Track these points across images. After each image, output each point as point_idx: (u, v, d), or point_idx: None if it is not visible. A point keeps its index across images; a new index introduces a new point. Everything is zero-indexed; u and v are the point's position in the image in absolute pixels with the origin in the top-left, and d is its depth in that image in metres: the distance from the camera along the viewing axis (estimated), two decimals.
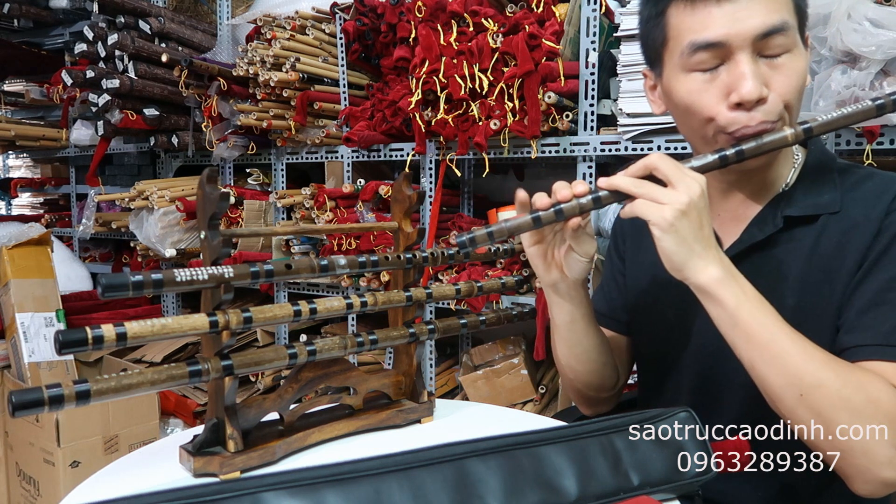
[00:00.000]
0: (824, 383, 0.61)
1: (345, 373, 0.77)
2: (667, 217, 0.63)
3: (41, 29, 2.78)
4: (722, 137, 0.72)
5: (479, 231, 0.71)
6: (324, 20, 2.04)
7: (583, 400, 0.95)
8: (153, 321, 0.56)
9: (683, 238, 0.64)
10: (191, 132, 2.28)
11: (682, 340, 0.83)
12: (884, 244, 0.69)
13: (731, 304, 0.64)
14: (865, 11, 1.13)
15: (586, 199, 0.69)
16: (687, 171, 0.66)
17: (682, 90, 0.73)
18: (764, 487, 0.77)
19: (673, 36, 0.72)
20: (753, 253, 0.77)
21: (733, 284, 0.65)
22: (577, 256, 0.76)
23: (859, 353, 0.66)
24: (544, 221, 0.70)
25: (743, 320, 0.64)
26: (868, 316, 0.67)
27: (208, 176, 0.63)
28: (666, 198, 0.64)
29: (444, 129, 1.66)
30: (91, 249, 2.95)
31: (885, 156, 1.36)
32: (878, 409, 0.60)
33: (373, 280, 1.90)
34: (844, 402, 0.61)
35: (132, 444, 1.84)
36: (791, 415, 0.64)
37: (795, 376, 0.62)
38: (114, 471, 0.68)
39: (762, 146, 0.69)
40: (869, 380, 0.62)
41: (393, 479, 0.53)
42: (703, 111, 0.71)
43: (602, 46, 1.55)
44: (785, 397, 0.63)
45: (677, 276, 0.66)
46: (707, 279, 0.64)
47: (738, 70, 0.68)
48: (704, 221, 0.65)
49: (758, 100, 0.68)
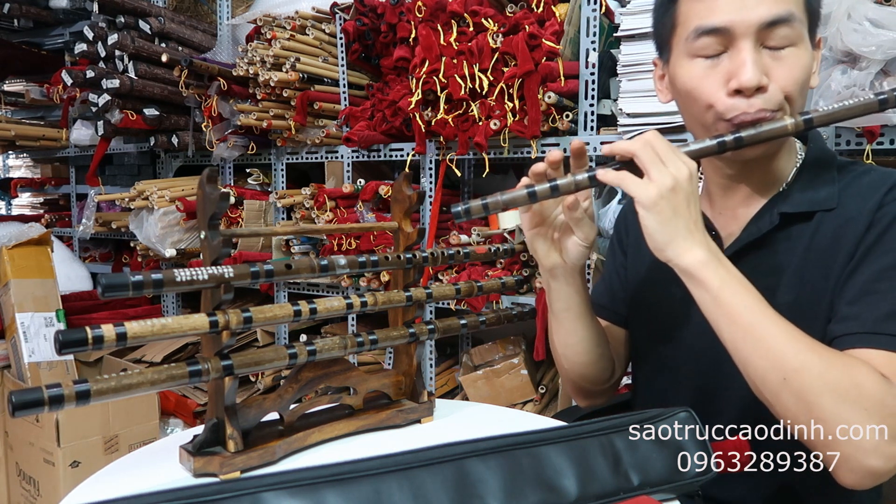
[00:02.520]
0: (807, 366, 0.61)
1: (345, 373, 0.77)
2: (651, 195, 0.64)
3: (41, 29, 2.78)
4: (721, 125, 0.72)
5: (475, 202, 0.71)
6: (324, 20, 2.04)
7: (578, 391, 0.95)
8: (153, 321, 0.56)
9: (667, 218, 0.64)
10: (191, 132, 2.28)
11: (681, 338, 0.83)
12: (875, 236, 0.69)
13: (714, 285, 0.64)
14: (865, 11, 1.13)
15: (582, 176, 0.70)
16: (679, 153, 0.66)
17: (685, 75, 0.74)
18: (764, 487, 0.77)
19: (681, 22, 0.74)
20: (752, 250, 0.77)
21: (718, 267, 0.64)
22: (577, 240, 0.76)
23: (847, 342, 0.66)
24: (539, 197, 0.71)
25: (726, 302, 0.64)
26: (857, 305, 0.67)
27: (208, 176, 0.63)
28: (654, 174, 0.64)
29: (444, 129, 1.66)
30: (91, 249, 2.95)
31: (885, 156, 1.36)
32: (861, 393, 0.60)
33: (373, 280, 1.90)
34: (828, 385, 0.60)
35: (132, 444, 1.84)
36: (775, 400, 0.63)
37: (778, 359, 0.62)
38: (114, 471, 0.68)
39: (761, 134, 0.69)
40: (853, 364, 0.62)
41: (393, 479, 0.53)
42: (704, 97, 0.72)
43: (602, 46, 1.55)
44: (768, 380, 0.63)
45: (660, 256, 0.67)
46: (691, 261, 0.64)
47: (740, 57, 0.69)
48: (692, 205, 0.65)
49: (757, 87, 0.68)
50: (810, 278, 0.73)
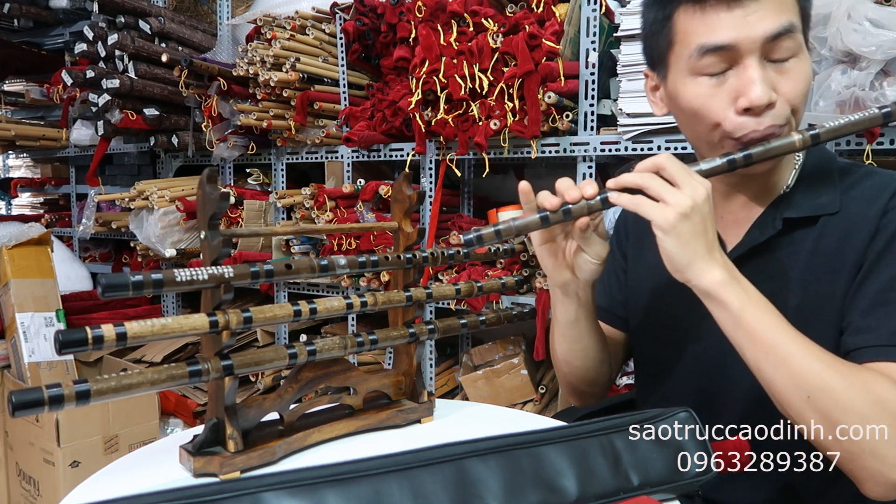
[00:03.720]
0: (830, 385, 0.61)
1: (345, 373, 0.77)
2: (669, 218, 0.63)
3: (41, 29, 2.78)
4: (728, 143, 0.71)
5: (487, 230, 0.71)
6: (324, 20, 2.04)
7: (574, 393, 0.95)
8: (153, 321, 0.56)
9: (685, 241, 0.63)
10: (191, 132, 2.28)
11: (683, 341, 0.83)
12: (882, 244, 0.69)
13: (734, 306, 0.64)
14: (865, 11, 1.13)
15: (594, 200, 0.69)
16: (693, 175, 0.65)
17: (690, 94, 0.72)
18: (764, 487, 0.77)
19: (680, 39, 0.72)
20: (755, 256, 0.77)
21: (736, 287, 0.64)
22: (588, 258, 0.75)
23: (865, 355, 0.66)
24: (552, 221, 0.70)
25: (747, 322, 0.64)
26: (872, 317, 0.67)
27: (208, 176, 0.63)
28: (670, 198, 0.64)
29: (444, 129, 1.66)
30: (91, 249, 2.95)
31: (885, 156, 1.36)
32: (884, 409, 0.60)
33: (373, 280, 1.90)
34: (850, 403, 0.60)
35: (132, 444, 1.84)
36: (799, 417, 0.63)
37: (801, 378, 0.62)
38: (114, 471, 0.68)
39: (770, 150, 0.69)
40: (874, 380, 0.62)
41: (393, 479, 0.53)
42: (711, 116, 0.71)
43: (602, 46, 1.55)
44: (792, 400, 0.63)
45: (679, 277, 0.66)
46: (710, 282, 0.64)
47: (747, 75, 0.67)
48: (708, 225, 0.65)
49: (767, 105, 0.68)
50: (815, 283, 0.72)
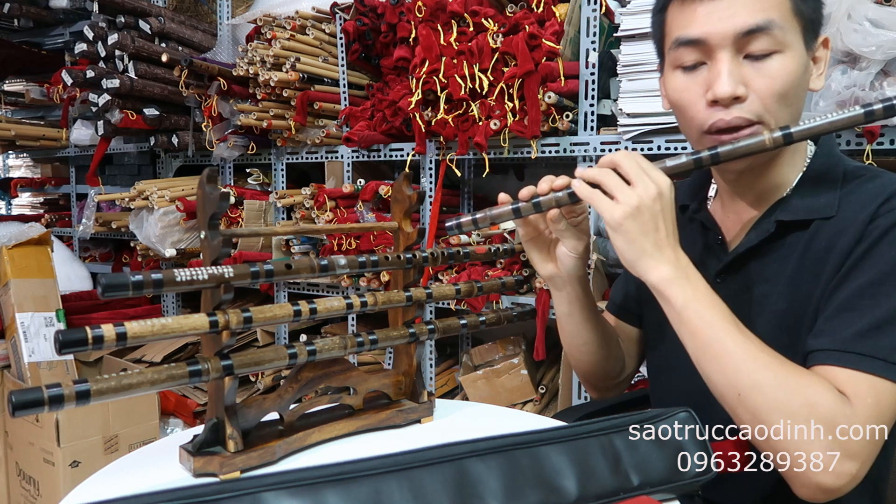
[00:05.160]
0: (761, 384, 0.62)
1: (345, 373, 0.77)
2: (616, 216, 0.66)
3: (41, 29, 2.78)
4: (707, 139, 0.72)
5: (465, 218, 0.79)
6: (324, 20, 2.04)
7: (589, 385, 0.97)
8: (153, 321, 0.56)
9: (633, 238, 0.66)
10: (191, 132, 2.28)
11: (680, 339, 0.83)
12: (863, 250, 0.67)
13: (678, 302, 0.65)
14: (865, 11, 1.13)
15: (562, 193, 0.73)
16: (650, 172, 0.67)
17: (671, 86, 0.75)
18: (763, 487, 0.77)
19: (668, 33, 0.75)
20: (752, 258, 0.77)
21: (682, 284, 0.66)
22: (566, 251, 0.79)
23: (817, 358, 0.65)
24: (523, 212, 0.76)
25: (688, 319, 0.65)
26: (834, 321, 0.66)
27: (208, 176, 0.63)
28: (620, 196, 0.66)
29: (444, 129, 1.66)
30: (91, 249, 2.95)
31: (885, 156, 1.36)
32: (813, 412, 0.60)
33: (373, 280, 1.90)
34: (779, 404, 0.61)
35: (132, 444, 1.84)
36: (733, 414, 0.65)
37: (734, 377, 0.63)
38: (114, 471, 0.68)
39: (737, 150, 0.69)
40: (811, 383, 0.62)
41: (393, 479, 0.53)
42: (687, 109, 0.73)
43: (602, 46, 1.55)
44: (725, 396, 0.64)
45: (633, 272, 0.69)
46: (656, 278, 0.66)
47: (716, 68, 0.69)
48: (660, 222, 0.66)
49: (734, 98, 0.68)
50: (803, 286, 0.72)
